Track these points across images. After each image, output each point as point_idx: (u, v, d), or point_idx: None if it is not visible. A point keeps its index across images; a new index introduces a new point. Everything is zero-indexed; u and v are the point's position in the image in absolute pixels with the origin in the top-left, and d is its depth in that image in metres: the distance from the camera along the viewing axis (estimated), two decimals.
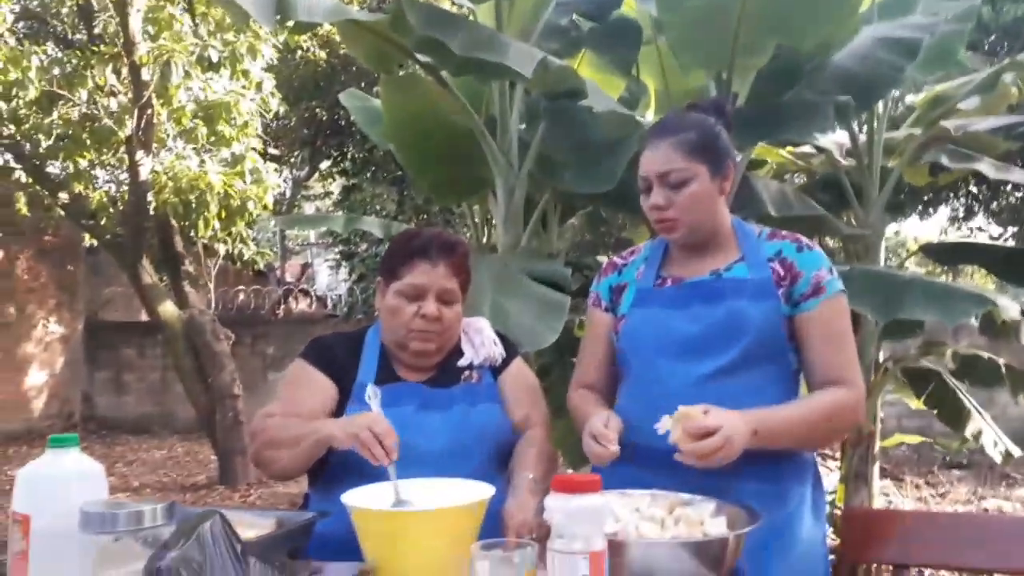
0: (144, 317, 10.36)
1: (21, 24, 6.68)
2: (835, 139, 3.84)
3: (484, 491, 1.35)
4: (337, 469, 1.52)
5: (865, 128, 3.65)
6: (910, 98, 4.50)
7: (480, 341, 1.71)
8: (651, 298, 1.57)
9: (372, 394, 1.46)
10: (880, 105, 3.58)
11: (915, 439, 5.71)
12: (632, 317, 1.57)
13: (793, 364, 1.52)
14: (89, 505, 1.05)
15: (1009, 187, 11.03)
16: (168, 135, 6.22)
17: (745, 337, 1.46)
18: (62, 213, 6.88)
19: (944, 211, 13.73)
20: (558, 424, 1.90)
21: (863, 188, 3.58)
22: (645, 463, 1.41)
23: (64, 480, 1.10)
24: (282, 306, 12.23)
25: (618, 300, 1.63)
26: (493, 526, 1.39)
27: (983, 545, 1.65)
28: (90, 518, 1.04)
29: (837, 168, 3.66)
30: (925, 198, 11.63)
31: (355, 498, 1.32)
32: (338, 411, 1.59)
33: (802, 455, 1.52)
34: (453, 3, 6.00)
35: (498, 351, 1.71)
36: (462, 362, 1.67)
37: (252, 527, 1.31)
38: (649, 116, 3.35)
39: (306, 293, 13.63)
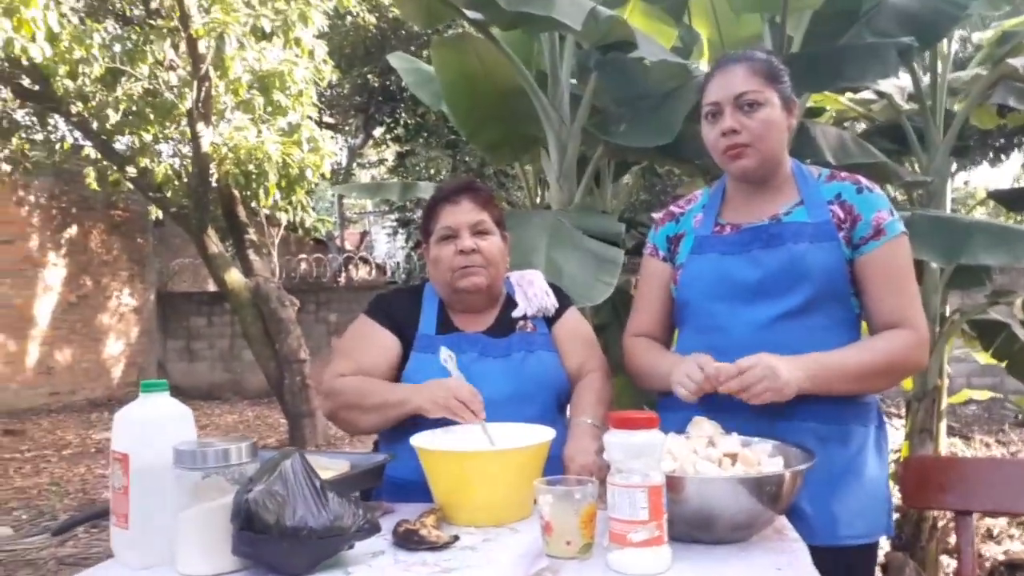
0: (211, 288, 10.74)
1: (81, 2, 6.86)
2: (896, 83, 3.71)
3: (546, 434, 1.40)
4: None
5: (928, 70, 3.52)
6: (977, 36, 4.31)
7: (533, 292, 1.75)
8: (710, 244, 1.55)
9: (448, 357, 1.51)
10: (944, 45, 3.45)
11: (984, 394, 5.58)
12: (691, 264, 1.57)
13: (855, 308, 1.51)
14: (181, 444, 1.14)
15: None
16: (226, 106, 6.35)
17: (807, 281, 1.45)
18: (130, 187, 7.12)
19: (1016, 158, 13.16)
20: (615, 383, 1.92)
21: (926, 133, 3.47)
22: (707, 408, 1.41)
23: (158, 421, 1.19)
24: (343, 274, 12.48)
25: (675, 249, 1.63)
26: (555, 470, 1.44)
27: None
28: (182, 455, 1.12)
29: (899, 113, 3.55)
30: (996, 145, 11.15)
31: (423, 440, 1.39)
32: (402, 362, 1.65)
33: (864, 396, 1.51)
34: None
35: (551, 301, 1.74)
36: (516, 313, 1.71)
37: (326, 469, 1.39)
38: (703, 65, 3.30)
39: (365, 261, 13.86)
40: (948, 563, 3.18)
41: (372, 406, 1.56)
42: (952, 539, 3.24)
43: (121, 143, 6.94)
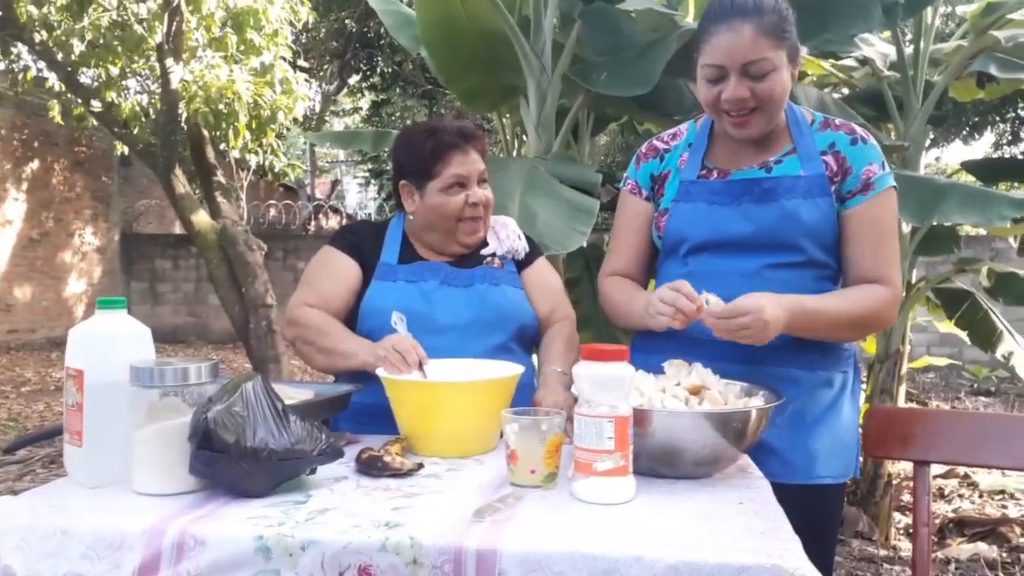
0: (177, 230, 10.56)
1: None
2: (879, 50, 3.71)
3: (514, 368, 1.39)
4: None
5: (912, 42, 3.52)
6: (961, 9, 4.30)
7: (505, 234, 1.74)
8: (696, 191, 1.49)
9: (397, 319, 1.49)
10: (928, 15, 3.44)
11: (943, 361, 5.71)
12: (677, 212, 1.50)
13: (838, 262, 1.48)
14: (138, 361, 1.11)
15: None
16: (198, 43, 6.16)
17: (799, 237, 1.41)
18: (95, 123, 6.90)
19: (989, 137, 13.34)
20: (583, 337, 1.91)
21: (905, 101, 3.48)
22: (688, 351, 1.39)
23: (114, 338, 1.15)
24: (313, 222, 12.32)
25: (660, 190, 1.55)
26: (523, 403, 1.43)
27: (1007, 445, 1.64)
28: (139, 373, 1.09)
29: (880, 80, 3.55)
30: (970, 123, 11.28)
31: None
32: (362, 290, 1.63)
33: (843, 344, 1.50)
34: None
35: (521, 244, 1.73)
36: (485, 251, 1.69)
37: (290, 397, 1.36)
38: (688, 20, 3.25)
39: (336, 210, 13.70)
40: (900, 519, 3.26)
41: (324, 348, 1.56)
42: (905, 496, 3.33)
43: (87, 76, 6.71)
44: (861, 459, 1.57)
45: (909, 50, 3.49)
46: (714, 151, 1.52)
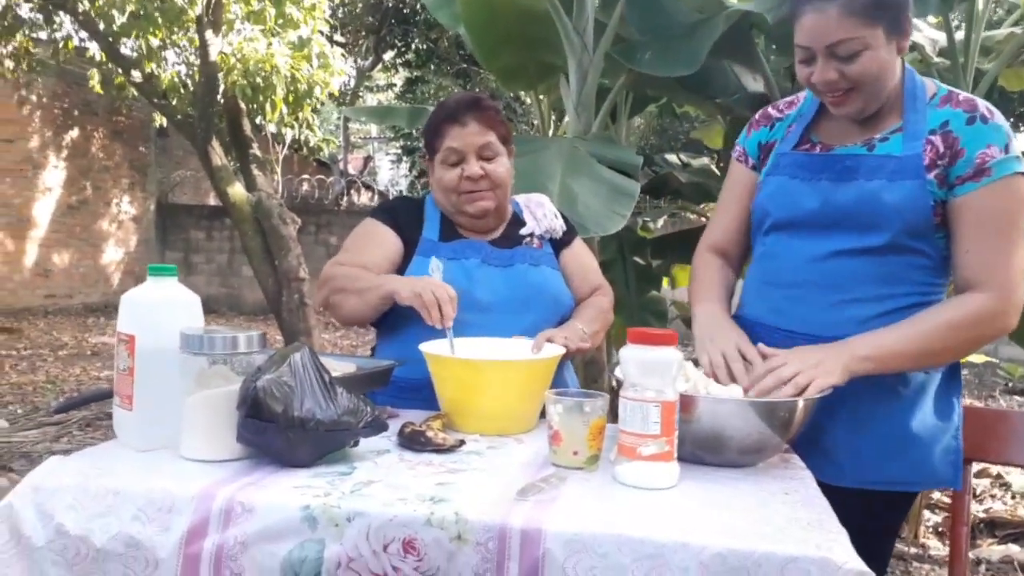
0: (211, 202, 10.67)
1: None
2: (929, 36, 3.63)
3: (556, 349, 1.39)
4: (403, 318, 1.54)
5: (962, 28, 3.43)
6: None
7: (542, 213, 1.73)
8: (784, 164, 1.42)
9: (435, 267, 1.49)
10: (980, 2, 3.35)
11: (980, 358, 5.59)
12: (764, 185, 1.45)
13: (942, 251, 1.35)
14: (188, 328, 1.12)
15: None
16: (236, 16, 6.19)
17: (879, 221, 1.31)
18: (135, 93, 6.98)
19: None
20: (615, 321, 1.90)
21: (955, 87, 3.40)
22: (750, 335, 1.36)
23: (165, 304, 1.17)
24: (345, 198, 12.38)
25: (766, 160, 1.48)
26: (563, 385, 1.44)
27: None
28: (189, 340, 1.10)
29: (929, 66, 3.47)
30: (1016, 112, 10.99)
31: (433, 347, 1.37)
32: (403, 264, 1.63)
33: None
34: None
35: (559, 223, 1.73)
36: (524, 231, 1.69)
37: (334, 370, 1.37)
38: (734, 2, 3.19)
39: (368, 187, 13.74)
40: (929, 517, 3.23)
41: (356, 289, 1.53)
42: (935, 494, 3.29)
43: (127, 47, 6.78)
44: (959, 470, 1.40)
45: (959, 36, 3.40)
46: (821, 125, 1.44)
